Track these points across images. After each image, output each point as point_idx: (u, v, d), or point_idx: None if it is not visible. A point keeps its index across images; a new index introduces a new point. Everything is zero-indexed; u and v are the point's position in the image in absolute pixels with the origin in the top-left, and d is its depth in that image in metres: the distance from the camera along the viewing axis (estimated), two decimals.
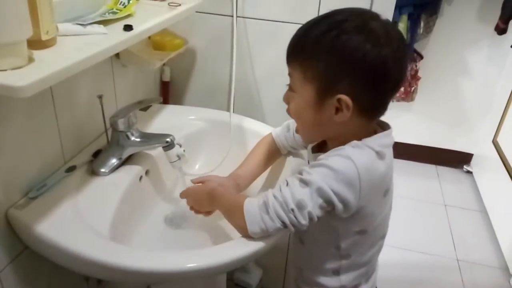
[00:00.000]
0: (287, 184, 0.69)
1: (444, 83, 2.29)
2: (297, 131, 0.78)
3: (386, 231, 0.81)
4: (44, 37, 0.63)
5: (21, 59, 0.57)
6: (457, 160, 2.46)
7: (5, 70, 0.55)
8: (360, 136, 0.69)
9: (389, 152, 0.71)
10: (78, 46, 0.66)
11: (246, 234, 0.71)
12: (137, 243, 0.84)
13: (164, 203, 0.97)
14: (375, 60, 0.63)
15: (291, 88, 0.72)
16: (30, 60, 0.59)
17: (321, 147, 0.79)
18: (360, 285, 0.81)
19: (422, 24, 2.05)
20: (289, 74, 0.71)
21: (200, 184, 0.89)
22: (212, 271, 0.72)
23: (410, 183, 2.29)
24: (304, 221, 0.66)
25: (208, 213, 0.86)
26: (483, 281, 1.75)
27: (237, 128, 1.10)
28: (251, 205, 0.70)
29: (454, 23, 2.13)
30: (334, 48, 0.64)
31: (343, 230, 0.74)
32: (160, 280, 0.77)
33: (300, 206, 0.66)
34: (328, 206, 0.67)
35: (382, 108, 0.70)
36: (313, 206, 0.66)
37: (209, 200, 0.81)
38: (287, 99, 0.73)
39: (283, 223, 0.67)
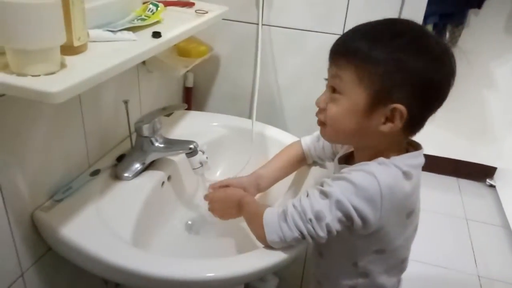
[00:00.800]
0: (307, 195, 0.68)
1: (468, 95, 2.24)
2: (322, 133, 0.74)
3: (407, 255, 0.78)
4: (76, 43, 0.64)
5: (54, 65, 0.58)
6: (479, 173, 2.41)
7: (39, 75, 0.56)
8: (392, 151, 0.68)
9: (417, 173, 0.69)
10: (108, 53, 0.67)
11: (265, 243, 0.70)
12: (158, 248, 0.84)
13: (185, 209, 0.98)
14: (435, 76, 0.63)
15: (334, 90, 0.68)
16: (63, 66, 0.59)
17: (348, 159, 0.78)
18: None
19: (447, 34, 2.02)
20: (335, 75, 0.67)
21: (225, 189, 0.88)
22: (231, 281, 0.71)
23: (431, 196, 2.24)
24: (322, 233, 0.65)
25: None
26: None
27: (258, 135, 1.10)
28: (271, 214, 0.70)
29: (481, 34, 2.09)
30: (398, 58, 0.62)
31: (361, 247, 0.72)
32: None
33: (319, 217, 0.65)
34: (347, 221, 0.66)
35: (424, 125, 0.69)
36: (332, 219, 0.65)
37: (237, 208, 0.81)
38: (324, 101, 0.69)
39: (301, 233, 0.66)
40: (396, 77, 0.63)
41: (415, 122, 0.67)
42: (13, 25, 0.53)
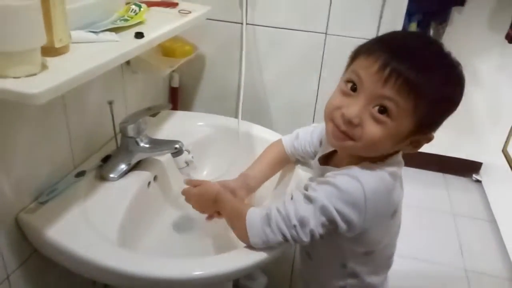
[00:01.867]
0: (291, 198, 0.68)
1: None
2: (348, 146, 0.67)
3: (394, 250, 0.79)
4: (57, 45, 0.64)
5: (35, 67, 0.58)
6: (465, 168, 2.44)
7: (19, 77, 0.56)
8: (379, 158, 0.69)
9: (400, 171, 0.71)
10: (90, 53, 0.67)
11: (247, 244, 0.70)
12: (145, 248, 0.84)
13: (171, 209, 0.98)
14: (460, 98, 0.67)
15: (382, 111, 0.62)
16: (44, 67, 0.60)
17: (328, 159, 0.78)
18: None
19: (431, 32, 2.05)
20: (390, 98, 0.61)
21: (200, 184, 0.87)
22: (218, 279, 0.72)
23: (418, 192, 2.27)
24: (305, 238, 0.66)
25: (217, 214, 0.84)
26: None
27: (245, 134, 1.11)
28: (254, 216, 0.69)
29: (464, 31, 2.12)
30: (450, 91, 0.65)
31: (349, 249, 0.73)
32: (165, 287, 0.78)
33: (302, 223, 0.65)
34: (331, 225, 0.66)
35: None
36: (316, 224, 0.65)
37: (213, 203, 0.80)
38: (359, 116, 0.63)
39: (285, 237, 0.67)
40: (443, 108, 0.66)
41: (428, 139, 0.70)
42: None
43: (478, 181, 2.40)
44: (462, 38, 2.14)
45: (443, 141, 2.40)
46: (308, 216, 0.65)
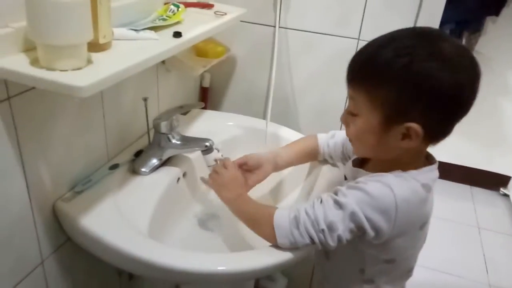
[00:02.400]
0: (320, 201, 0.68)
1: (484, 103, 2.20)
2: (355, 151, 0.76)
3: (415, 264, 0.79)
4: (101, 41, 0.67)
5: (81, 61, 0.60)
6: (493, 182, 2.39)
7: (66, 70, 0.59)
8: (411, 164, 0.68)
9: (433, 185, 0.70)
10: (132, 50, 0.70)
11: (273, 243, 0.71)
12: (171, 241, 0.86)
13: (198, 205, 1.00)
14: (452, 89, 0.61)
15: (351, 111, 0.69)
16: (89, 62, 0.62)
17: (362, 162, 0.78)
18: None
19: (463, 41, 2.02)
20: (351, 96, 0.68)
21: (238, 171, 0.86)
22: (241, 276, 0.73)
23: (443, 203, 2.23)
24: (332, 243, 0.66)
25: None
26: None
27: (272, 136, 1.12)
28: (282, 218, 0.70)
29: (498, 42, 2.08)
30: (407, 77, 0.61)
31: (370, 256, 0.73)
32: (190, 280, 0.79)
33: (331, 228, 0.65)
34: (359, 231, 0.66)
35: (449, 134, 0.68)
36: (344, 230, 0.65)
37: (235, 196, 0.79)
38: (345, 121, 0.71)
39: (312, 240, 0.67)
40: (409, 97, 0.62)
41: (436, 133, 0.66)
42: (44, 21, 0.56)
43: (506, 195, 2.34)
44: (495, 49, 2.10)
45: (471, 153, 2.37)
46: (337, 222, 0.65)
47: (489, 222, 2.15)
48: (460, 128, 2.35)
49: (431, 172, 0.70)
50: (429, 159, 0.73)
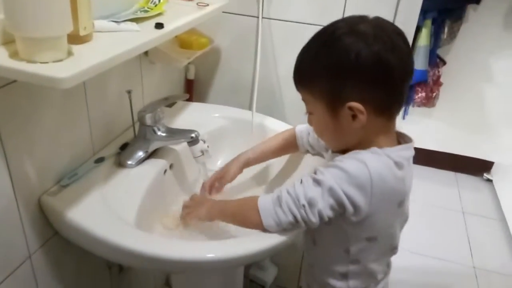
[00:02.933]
0: (301, 182, 0.71)
1: (466, 90, 2.27)
2: (328, 146, 0.82)
3: (397, 243, 0.81)
4: (82, 33, 0.66)
5: (62, 53, 0.60)
6: (477, 167, 2.43)
7: (47, 62, 0.58)
8: (383, 140, 0.71)
9: (408, 164, 0.72)
10: (113, 42, 0.70)
11: (261, 228, 0.73)
12: (159, 233, 0.87)
13: (186, 196, 1.00)
14: (369, 58, 0.64)
15: (308, 112, 0.75)
16: (69, 53, 0.62)
17: (343, 150, 0.79)
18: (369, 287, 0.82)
19: (446, 29, 2.04)
20: (303, 100, 0.74)
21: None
22: (230, 263, 0.74)
23: (429, 189, 2.27)
24: (314, 219, 0.68)
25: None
26: None
27: (258, 126, 1.13)
28: (266, 200, 0.72)
29: (479, 29, 2.11)
30: (327, 61, 0.67)
31: (353, 234, 0.75)
32: (179, 269, 0.80)
33: (311, 203, 0.68)
34: (339, 208, 0.68)
35: (398, 103, 0.70)
36: (324, 206, 0.68)
37: (212, 215, 0.82)
38: (310, 122, 0.77)
39: (295, 217, 0.69)
40: (335, 79, 0.67)
41: (383, 105, 0.68)
42: (22, 13, 0.55)
43: (489, 180, 2.39)
44: (477, 37, 2.13)
45: (455, 139, 2.41)
46: (316, 197, 0.67)
47: (473, 207, 2.20)
48: (444, 115, 2.41)
49: (406, 150, 0.73)
50: (405, 139, 0.75)
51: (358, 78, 0.66)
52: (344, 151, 0.76)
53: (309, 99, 0.72)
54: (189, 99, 1.31)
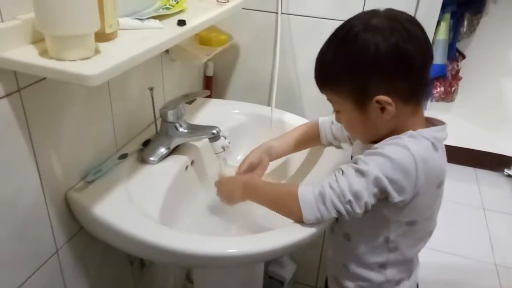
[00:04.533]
0: (342, 173, 0.70)
1: (486, 84, 2.23)
2: (360, 141, 0.81)
3: (434, 227, 0.81)
4: (107, 31, 0.67)
5: (89, 51, 0.61)
6: (497, 163, 2.39)
7: (75, 60, 0.59)
8: (414, 124, 0.72)
9: (442, 145, 0.73)
10: (137, 40, 0.70)
11: (299, 220, 0.72)
12: (182, 228, 0.87)
13: (207, 191, 1.01)
14: (388, 50, 0.65)
15: (335, 110, 0.77)
16: (97, 51, 0.63)
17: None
18: (403, 280, 0.82)
19: (465, 23, 2.01)
20: (328, 100, 0.76)
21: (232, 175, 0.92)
22: (252, 258, 0.74)
23: (448, 185, 2.19)
24: (359, 211, 0.68)
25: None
26: None
27: (277, 122, 1.13)
28: (307, 194, 0.71)
29: (499, 23, 2.08)
30: (348, 60, 0.68)
31: (394, 220, 0.75)
32: (200, 264, 0.81)
33: (357, 197, 0.68)
34: (382, 195, 0.69)
35: (423, 88, 0.72)
36: (369, 196, 0.68)
37: (242, 191, 0.83)
38: (338, 120, 0.78)
39: (339, 212, 0.69)
40: (358, 76, 0.68)
41: (408, 93, 0.69)
42: (52, 12, 0.56)
43: (510, 176, 2.35)
44: (497, 30, 2.09)
45: (475, 135, 2.37)
46: (362, 189, 0.67)
47: (494, 203, 2.17)
48: (463, 110, 2.37)
49: (440, 131, 0.73)
50: (436, 123, 0.76)
51: (381, 72, 0.67)
52: (375, 141, 0.76)
53: (335, 99, 0.74)
54: (209, 96, 1.31)
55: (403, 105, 0.69)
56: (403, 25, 0.67)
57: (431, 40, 0.87)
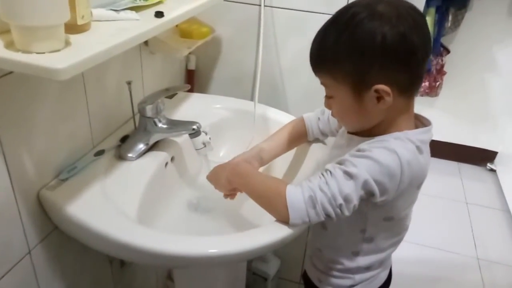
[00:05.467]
0: (331, 175, 0.68)
1: (470, 79, 2.24)
2: (347, 129, 0.79)
3: (409, 221, 0.83)
4: (79, 22, 0.64)
5: (59, 43, 0.58)
6: (480, 157, 2.42)
7: (43, 52, 0.56)
8: (403, 120, 0.71)
9: (426, 147, 0.73)
10: (112, 32, 0.67)
11: (283, 221, 0.70)
12: (161, 227, 0.85)
13: (188, 189, 0.99)
14: (395, 39, 0.64)
15: (327, 95, 0.74)
16: (67, 43, 0.60)
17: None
18: (374, 266, 0.83)
19: (450, 17, 2.02)
20: (322, 84, 0.73)
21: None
22: (233, 258, 0.72)
23: (432, 180, 2.21)
24: (348, 213, 0.68)
25: (231, 195, 0.87)
26: (502, 280, 1.73)
27: (260, 117, 1.11)
28: (296, 197, 0.68)
29: (483, 18, 2.09)
30: (351, 45, 0.66)
31: (372, 215, 0.76)
32: (181, 264, 0.79)
33: (348, 200, 0.67)
34: (366, 196, 0.68)
35: (418, 82, 0.71)
36: (357, 198, 0.67)
37: (228, 175, 0.81)
38: (328, 105, 0.76)
39: (328, 216, 0.68)
40: (361, 62, 0.66)
41: (406, 85, 0.69)
42: (18, 1, 0.53)
43: (493, 170, 2.38)
44: (481, 25, 2.10)
45: (459, 130, 2.39)
46: (352, 193, 0.66)
47: (476, 197, 2.19)
48: (447, 105, 2.39)
49: (425, 133, 0.73)
50: (423, 121, 0.76)
51: (385, 61, 0.65)
52: (361, 133, 0.76)
53: (330, 83, 0.71)
54: (190, 90, 1.28)
55: (398, 97, 0.68)
56: (409, 13, 0.65)
57: None
